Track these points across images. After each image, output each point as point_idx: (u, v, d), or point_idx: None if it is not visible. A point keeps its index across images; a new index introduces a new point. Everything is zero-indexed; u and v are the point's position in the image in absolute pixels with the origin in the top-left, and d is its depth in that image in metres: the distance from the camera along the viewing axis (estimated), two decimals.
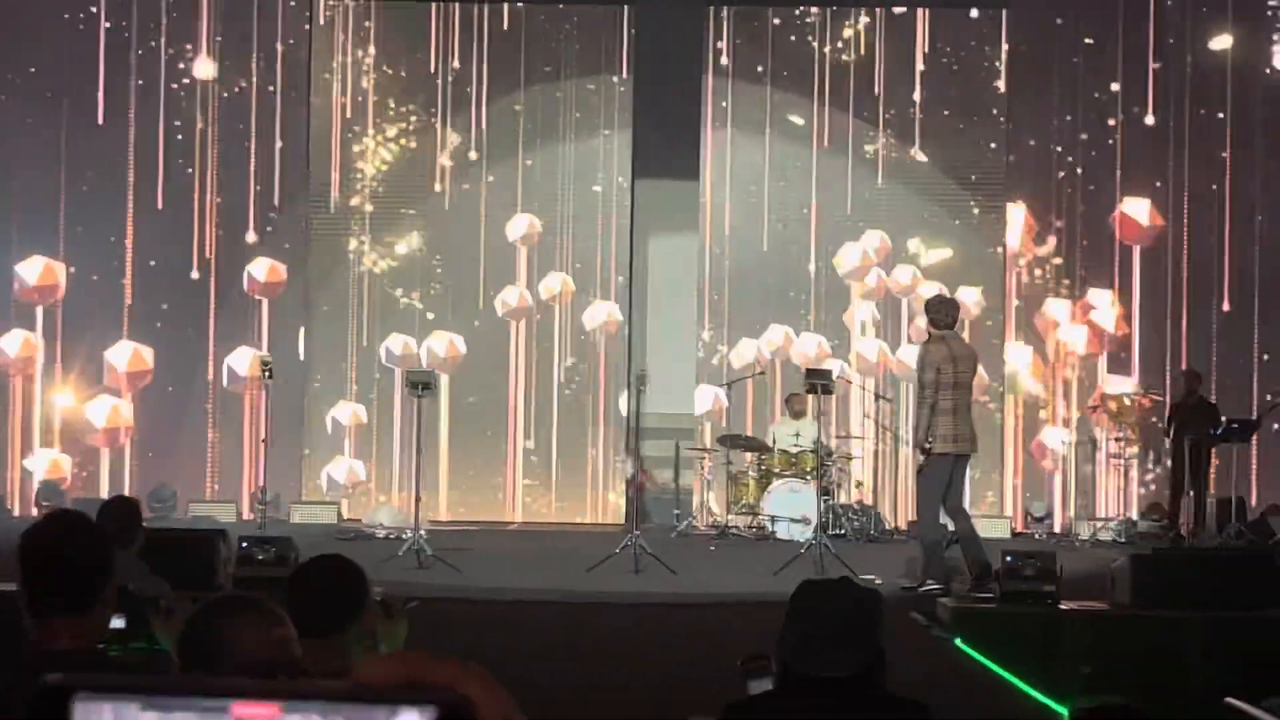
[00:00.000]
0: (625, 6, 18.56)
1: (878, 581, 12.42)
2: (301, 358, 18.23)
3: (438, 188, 18.51)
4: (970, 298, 17.96)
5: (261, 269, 18.34)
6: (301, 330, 18.36)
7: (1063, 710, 8.52)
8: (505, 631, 9.74)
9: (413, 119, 18.56)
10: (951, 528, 11.74)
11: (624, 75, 18.59)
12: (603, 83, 18.64)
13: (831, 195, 18.50)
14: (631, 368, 18.17)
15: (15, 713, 3.81)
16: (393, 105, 18.57)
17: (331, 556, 4.50)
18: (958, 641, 9.28)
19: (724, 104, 18.65)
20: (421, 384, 13.53)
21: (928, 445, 11.55)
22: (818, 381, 13.52)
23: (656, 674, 8.38)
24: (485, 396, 18.41)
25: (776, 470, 16.70)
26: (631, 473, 18.17)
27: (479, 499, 18.37)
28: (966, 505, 12.31)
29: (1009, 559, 10.32)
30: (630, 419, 18.26)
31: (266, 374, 13.62)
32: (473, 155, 18.52)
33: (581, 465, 18.54)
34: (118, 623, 4.17)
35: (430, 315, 18.46)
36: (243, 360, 18.21)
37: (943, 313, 11.81)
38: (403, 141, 18.56)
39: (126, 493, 17.42)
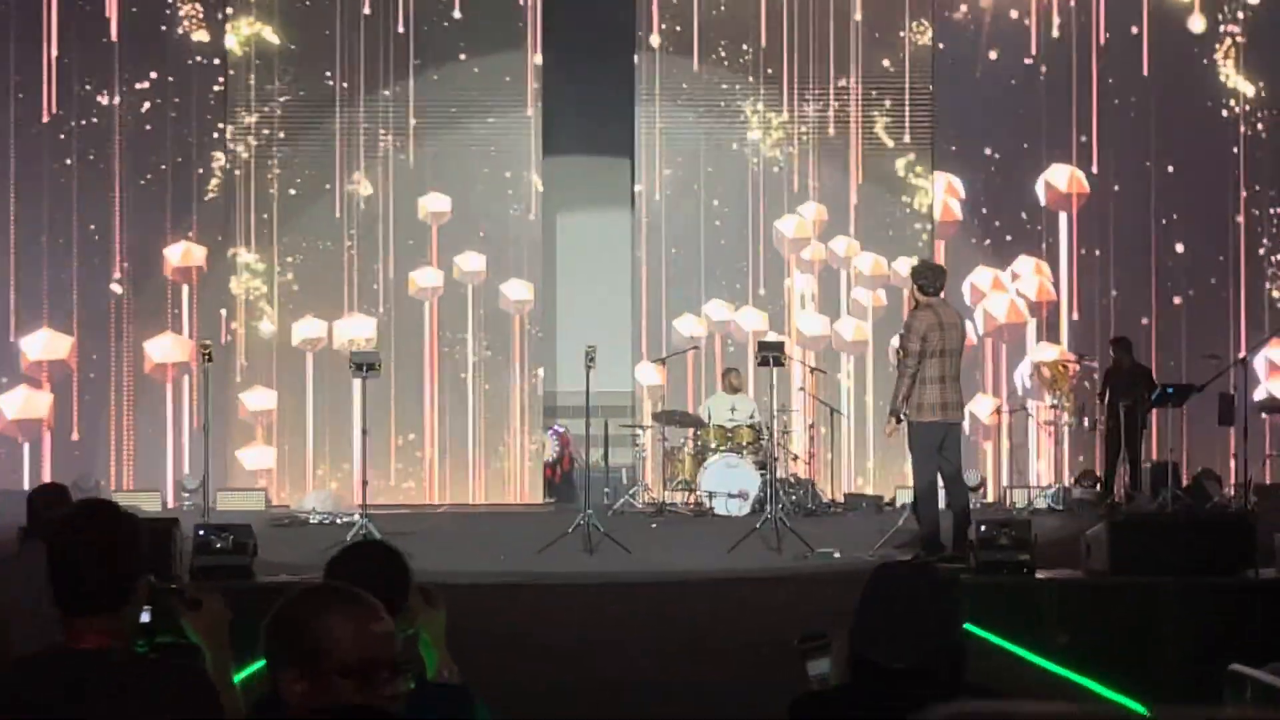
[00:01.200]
0: None
1: (836, 555, 12.36)
2: (223, 342, 17.84)
3: (349, 167, 18.16)
4: (902, 269, 17.96)
5: (178, 253, 17.94)
6: (224, 313, 17.98)
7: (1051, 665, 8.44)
8: (475, 618, 9.48)
9: (316, 91, 18.21)
10: (944, 500, 11.58)
11: (536, 51, 18.31)
12: (514, 60, 18.34)
13: (768, 168, 18.37)
14: (542, 346, 18.07)
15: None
16: (297, 86, 18.21)
17: (373, 542, 4.29)
18: None
19: (653, 78, 18.42)
20: (366, 364, 13.23)
21: (904, 415, 11.41)
22: (770, 354, 13.35)
23: (646, 659, 8.20)
24: (400, 378, 18.08)
25: (712, 446, 16.56)
26: (555, 452, 18.00)
27: (399, 483, 18.06)
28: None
29: (983, 528, 10.23)
30: (543, 399, 18.14)
31: (206, 358, 13.30)
32: (382, 134, 18.16)
33: (500, 445, 18.29)
34: (142, 616, 3.92)
35: (339, 296, 18.14)
36: (163, 347, 17.84)
37: (929, 279, 11.58)
38: (309, 121, 18.22)
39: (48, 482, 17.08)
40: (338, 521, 15.51)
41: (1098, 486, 17.32)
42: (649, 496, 17.25)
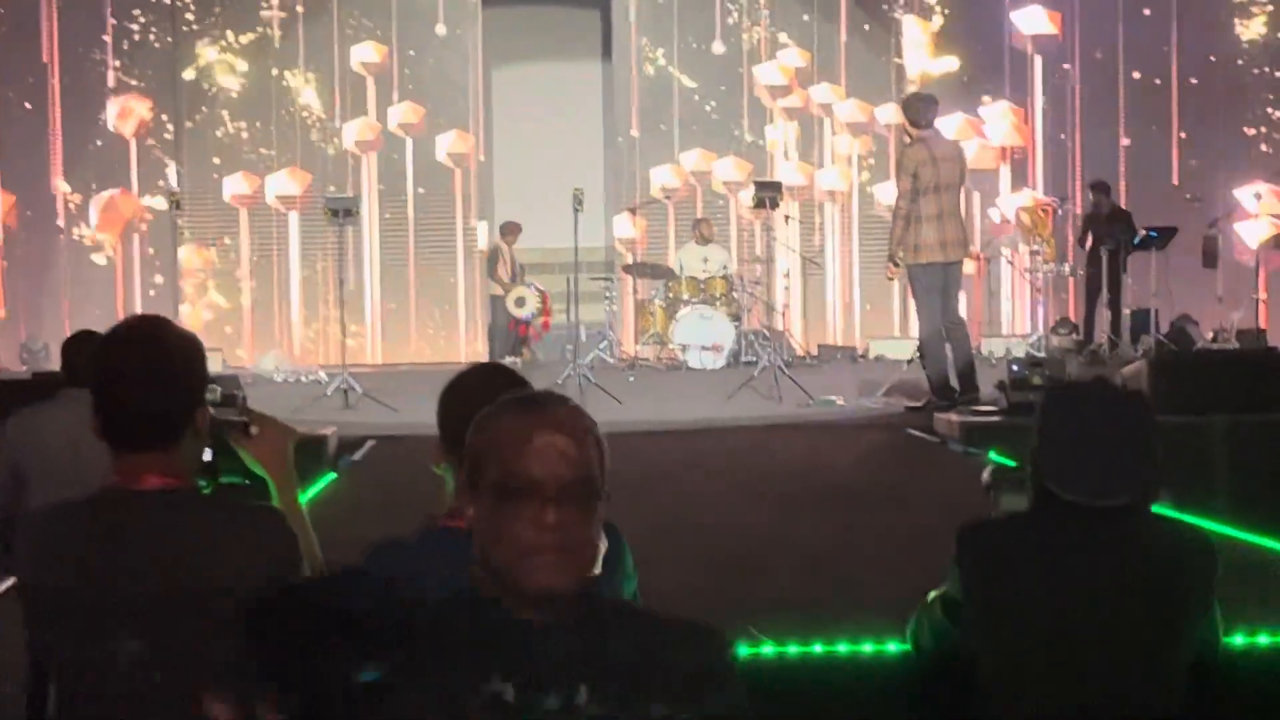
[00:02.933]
0: None
1: (840, 402, 11.95)
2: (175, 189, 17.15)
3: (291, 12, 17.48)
4: (884, 116, 17.61)
5: (118, 107, 17.20)
6: (173, 168, 17.24)
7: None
8: None
9: None
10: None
11: None
12: None
13: (746, 17, 17.80)
14: (489, 200, 17.56)
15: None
16: None
17: (492, 365, 3.68)
18: (992, 454, 8.70)
19: None
20: (342, 210, 12.59)
21: (899, 258, 10.83)
22: (767, 195, 12.82)
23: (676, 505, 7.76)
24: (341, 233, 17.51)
25: (685, 298, 16.02)
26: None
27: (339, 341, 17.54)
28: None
29: (1014, 369, 9.82)
30: (489, 253, 17.61)
31: (175, 205, 12.63)
32: None
33: (444, 301, 17.74)
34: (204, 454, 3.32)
35: (270, 150, 17.45)
36: (110, 204, 17.14)
37: (919, 111, 10.84)
38: None
39: None
40: (303, 380, 14.93)
41: (1073, 335, 16.95)
42: (621, 352, 16.72)
